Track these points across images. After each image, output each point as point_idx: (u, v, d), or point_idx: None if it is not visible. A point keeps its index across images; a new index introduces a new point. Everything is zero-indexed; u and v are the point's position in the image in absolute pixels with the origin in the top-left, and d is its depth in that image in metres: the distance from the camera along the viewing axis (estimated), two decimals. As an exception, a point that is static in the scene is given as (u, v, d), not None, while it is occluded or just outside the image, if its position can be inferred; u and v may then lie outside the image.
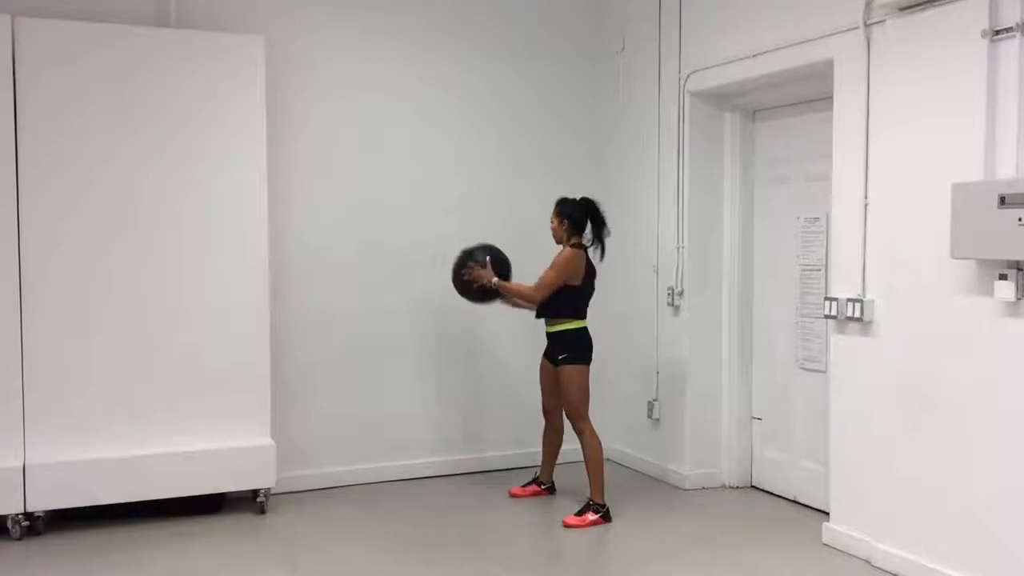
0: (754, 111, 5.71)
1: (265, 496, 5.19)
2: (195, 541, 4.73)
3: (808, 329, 5.26)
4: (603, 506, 5.07)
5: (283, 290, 5.54)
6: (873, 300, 4.42)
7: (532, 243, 5.47)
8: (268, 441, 5.17)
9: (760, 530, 4.95)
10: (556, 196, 5.35)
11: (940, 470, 4.06)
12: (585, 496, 5.15)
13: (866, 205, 4.44)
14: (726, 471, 5.80)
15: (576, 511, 5.09)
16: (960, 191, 3.82)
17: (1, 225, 4.68)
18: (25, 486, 4.67)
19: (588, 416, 5.14)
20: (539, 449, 5.65)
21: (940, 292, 4.04)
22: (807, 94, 5.17)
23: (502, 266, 5.28)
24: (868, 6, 4.37)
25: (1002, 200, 3.62)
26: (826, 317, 4.69)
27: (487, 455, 6.17)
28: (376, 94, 5.85)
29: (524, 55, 6.25)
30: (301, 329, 5.64)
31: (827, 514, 4.78)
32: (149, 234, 4.94)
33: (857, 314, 4.45)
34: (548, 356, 5.31)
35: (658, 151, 5.94)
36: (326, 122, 5.70)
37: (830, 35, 4.60)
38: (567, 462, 5.65)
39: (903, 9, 4.19)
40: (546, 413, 5.51)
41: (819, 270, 5.14)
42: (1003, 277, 3.72)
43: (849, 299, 4.51)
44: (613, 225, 6.26)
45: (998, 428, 3.81)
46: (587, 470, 5.11)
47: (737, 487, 5.77)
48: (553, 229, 5.22)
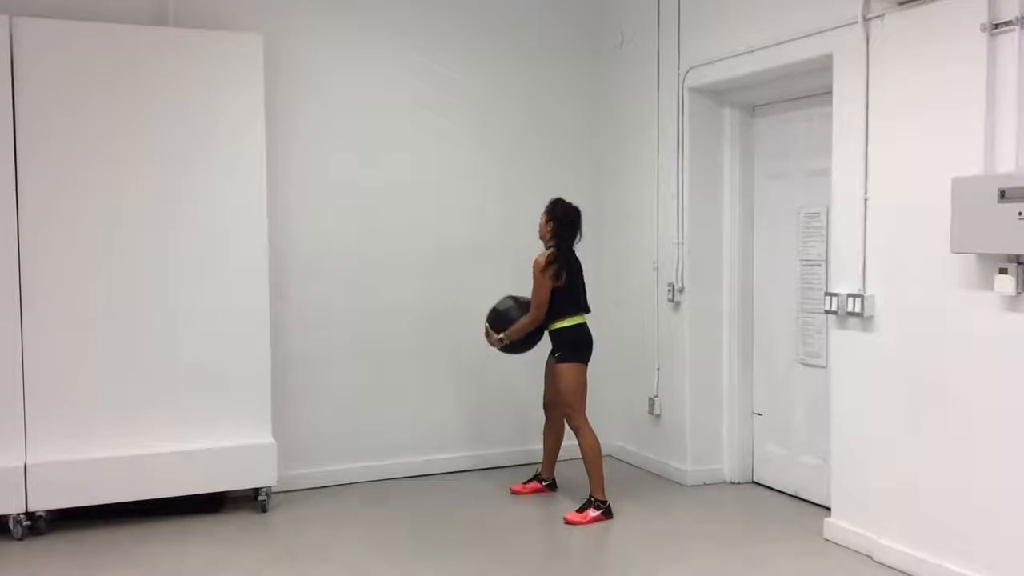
0: (753, 106, 5.70)
1: (266, 495, 5.20)
2: (196, 540, 4.74)
3: (809, 324, 5.26)
4: (604, 502, 5.07)
5: (283, 288, 5.54)
6: (873, 295, 4.42)
7: (531, 241, 5.45)
8: (269, 440, 5.17)
9: (761, 526, 4.95)
10: (555, 193, 5.35)
11: (941, 464, 4.06)
12: (586, 493, 5.15)
13: (866, 200, 4.44)
14: (727, 467, 5.80)
15: (577, 508, 5.09)
16: (960, 185, 3.82)
17: (0, 225, 4.68)
18: (27, 486, 4.68)
19: (584, 414, 5.15)
20: (540, 446, 5.66)
21: (940, 287, 4.04)
22: (806, 89, 5.17)
23: (503, 317, 5.35)
24: (867, 1, 4.36)
25: (1002, 194, 3.62)
26: (826, 312, 4.69)
27: (488, 452, 6.17)
28: (375, 92, 5.84)
29: (523, 52, 6.25)
30: (301, 327, 5.64)
31: (828, 509, 4.78)
32: (148, 234, 4.94)
33: (857, 309, 4.45)
34: (551, 353, 5.34)
35: (657, 147, 5.94)
36: (325, 120, 5.70)
37: (829, 30, 4.59)
38: (568, 459, 5.65)
39: (902, 3, 4.18)
40: (546, 408, 5.53)
41: (819, 265, 5.13)
42: (1003, 271, 3.72)
43: (849, 294, 4.51)
44: (613, 222, 6.29)
45: (999, 422, 3.80)
46: (586, 467, 5.12)
47: (738, 483, 5.77)
48: (540, 226, 5.28)
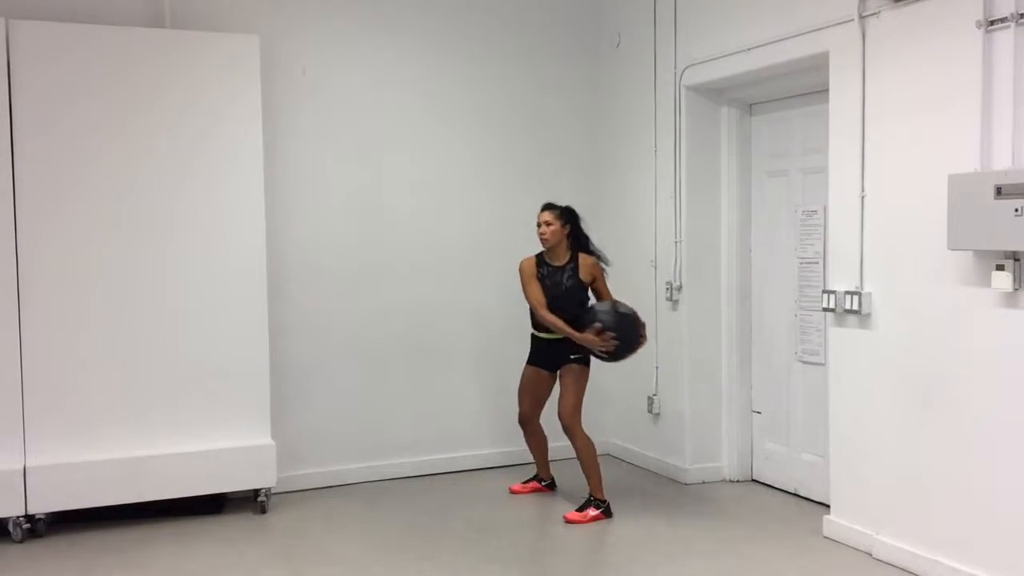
0: (750, 104, 5.70)
1: (266, 496, 5.20)
2: (196, 541, 4.74)
3: (807, 322, 5.26)
4: (604, 502, 5.07)
5: (282, 289, 5.54)
6: (871, 292, 4.42)
7: (530, 240, 5.45)
8: (268, 441, 5.18)
9: (761, 523, 4.95)
10: (553, 192, 5.35)
11: (940, 461, 4.07)
12: (585, 492, 5.14)
13: (863, 197, 4.44)
14: (726, 465, 5.81)
15: (577, 507, 5.10)
16: (956, 182, 3.82)
17: (-2, 228, 4.70)
18: (26, 488, 4.68)
19: (580, 416, 5.13)
20: (530, 454, 5.64)
21: (938, 283, 4.04)
22: (803, 87, 5.17)
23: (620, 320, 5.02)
24: (863, -2, 4.37)
25: (998, 191, 3.62)
26: (824, 310, 4.69)
27: (487, 452, 6.17)
28: (373, 93, 5.84)
29: (521, 52, 6.25)
30: (300, 328, 5.64)
31: (828, 507, 4.78)
32: (147, 236, 4.94)
33: (855, 306, 4.45)
34: (543, 362, 5.29)
35: (655, 146, 5.94)
36: (323, 121, 5.70)
37: (825, 27, 4.60)
38: (568, 458, 5.65)
39: (898, 1, 4.18)
40: (523, 422, 5.47)
41: (817, 263, 5.14)
42: (1000, 268, 3.72)
43: (847, 292, 4.51)
44: (611, 221, 6.29)
45: (997, 418, 3.81)
46: (583, 469, 5.11)
47: (737, 481, 5.77)
48: (554, 231, 5.11)
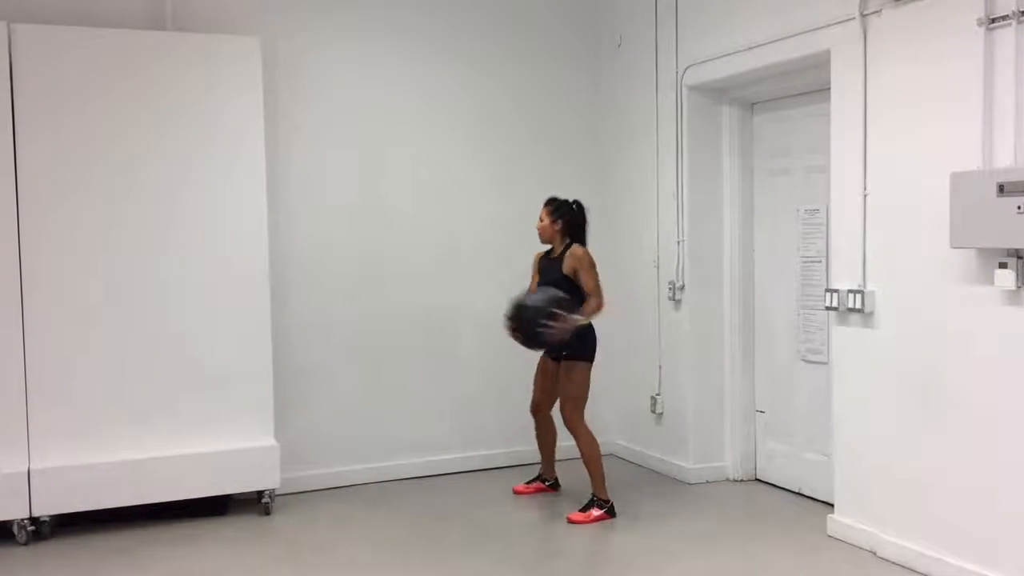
0: (752, 103, 5.70)
1: (270, 497, 5.20)
2: (201, 543, 4.74)
3: (809, 321, 5.26)
4: (607, 502, 5.07)
5: (284, 290, 5.54)
6: (874, 291, 4.41)
7: (530, 239, 5.46)
8: (272, 442, 5.18)
9: (765, 523, 4.95)
10: (556, 192, 5.34)
11: (943, 459, 4.06)
12: (589, 492, 5.14)
13: (865, 196, 4.44)
14: (730, 464, 5.80)
15: (580, 507, 5.09)
16: (958, 180, 3.82)
17: (1, 230, 4.69)
18: (30, 491, 4.68)
19: (583, 415, 5.13)
20: (537, 448, 5.64)
21: (940, 282, 4.04)
22: (805, 86, 5.16)
23: (563, 304, 4.90)
24: (864, -4, 4.37)
25: (1001, 188, 3.62)
26: (827, 309, 4.69)
27: (490, 453, 6.16)
28: (374, 94, 5.84)
29: (522, 53, 6.24)
30: (303, 329, 5.64)
31: (832, 506, 4.78)
32: (150, 238, 4.95)
33: (858, 305, 4.44)
34: (549, 351, 5.29)
35: (657, 145, 5.94)
36: (325, 122, 5.70)
37: (826, 26, 4.59)
38: (571, 458, 5.65)
39: (899, -1, 4.19)
40: (535, 411, 5.48)
41: (819, 262, 5.13)
42: (1003, 265, 3.72)
43: (850, 290, 4.51)
44: (613, 221, 6.29)
45: (1001, 416, 3.80)
46: (586, 468, 5.11)
47: (741, 480, 5.77)
48: (543, 227, 5.19)
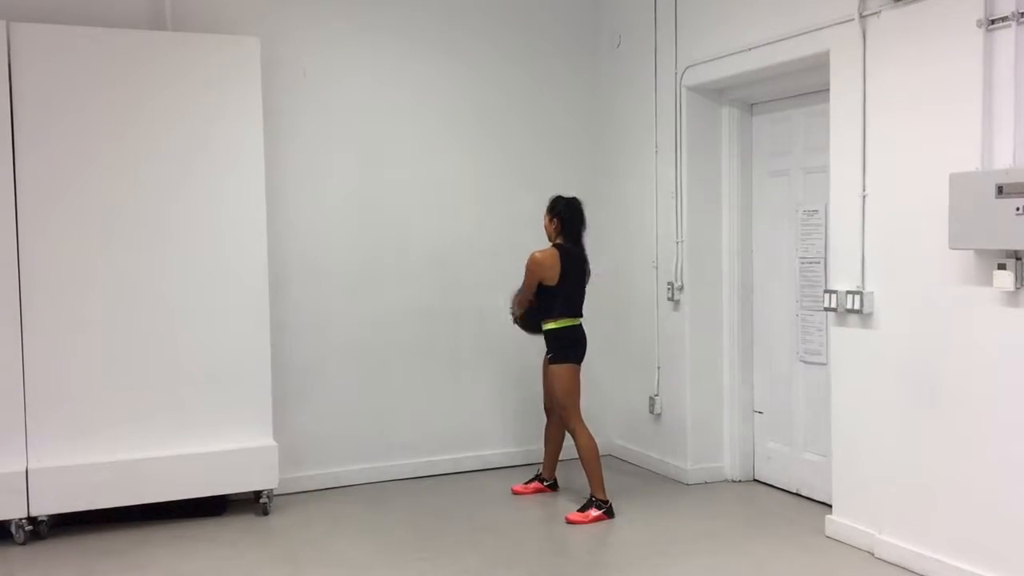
0: (751, 104, 5.70)
1: (268, 497, 5.20)
2: (198, 543, 4.74)
3: (808, 322, 5.26)
4: (605, 502, 5.07)
5: (283, 290, 5.54)
6: (872, 292, 4.42)
7: (530, 239, 5.46)
8: (270, 442, 5.18)
9: (763, 523, 4.95)
10: (554, 192, 5.35)
11: (942, 460, 4.06)
12: (587, 492, 5.14)
13: (864, 197, 4.44)
14: (728, 465, 5.80)
15: (579, 507, 5.09)
16: (958, 181, 3.82)
17: (0, 230, 4.69)
18: (28, 490, 4.68)
19: (579, 414, 5.15)
20: (540, 446, 5.66)
21: (939, 283, 4.04)
22: (804, 87, 5.16)
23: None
24: (863, -3, 4.37)
25: (1000, 190, 3.62)
26: (826, 309, 4.69)
27: (489, 453, 6.17)
28: (373, 94, 5.84)
29: (522, 52, 6.25)
30: (301, 329, 5.64)
31: (830, 506, 4.78)
32: (148, 237, 4.95)
33: (857, 306, 4.44)
34: (546, 352, 5.34)
35: (656, 146, 5.93)
36: (324, 122, 5.70)
37: (826, 27, 4.59)
38: (569, 458, 5.66)
39: (898, 0, 4.18)
40: (547, 410, 5.54)
41: (818, 262, 5.13)
42: (1002, 267, 3.72)
43: (848, 291, 4.51)
44: (612, 221, 6.29)
45: (999, 417, 3.80)
46: (584, 468, 5.12)
47: (739, 481, 5.77)
48: (544, 226, 5.29)
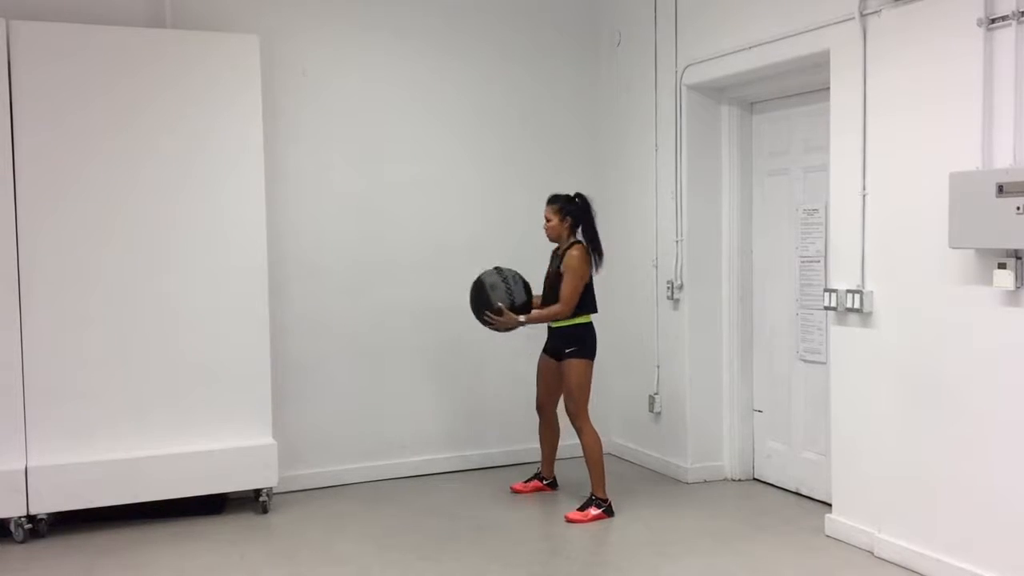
0: (751, 103, 5.70)
1: (267, 496, 5.20)
2: (198, 542, 4.74)
3: (808, 321, 5.26)
4: (605, 501, 5.07)
5: (282, 289, 5.54)
6: (872, 291, 4.42)
7: (529, 238, 5.46)
8: (269, 440, 5.17)
9: (763, 522, 4.95)
10: (553, 191, 5.33)
11: (941, 459, 4.06)
12: (587, 491, 5.14)
13: (864, 196, 4.44)
14: (728, 464, 5.80)
15: (578, 506, 5.09)
16: (958, 180, 3.82)
17: (-1, 228, 4.70)
18: (27, 489, 4.68)
19: (587, 411, 5.12)
20: (539, 445, 5.65)
21: (939, 282, 4.04)
22: (804, 85, 5.16)
23: (521, 297, 5.08)
24: (863, -4, 4.37)
25: (1000, 189, 3.62)
26: (826, 308, 4.69)
27: (488, 451, 6.17)
28: (373, 92, 5.84)
29: (521, 52, 6.24)
30: (301, 327, 5.64)
31: (829, 505, 4.78)
32: (147, 235, 4.94)
33: (857, 305, 4.45)
34: (550, 351, 5.30)
35: (656, 145, 5.93)
36: (323, 121, 5.69)
37: (826, 26, 4.59)
38: (569, 457, 5.66)
39: (899, -1, 4.19)
40: (540, 409, 5.50)
41: (818, 261, 5.13)
42: (1002, 266, 3.72)
43: (848, 290, 4.51)
44: (612, 220, 6.29)
45: (998, 416, 3.80)
46: (587, 466, 5.11)
47: (739, 480, 5.77)
48: (552, 227, 5.16)
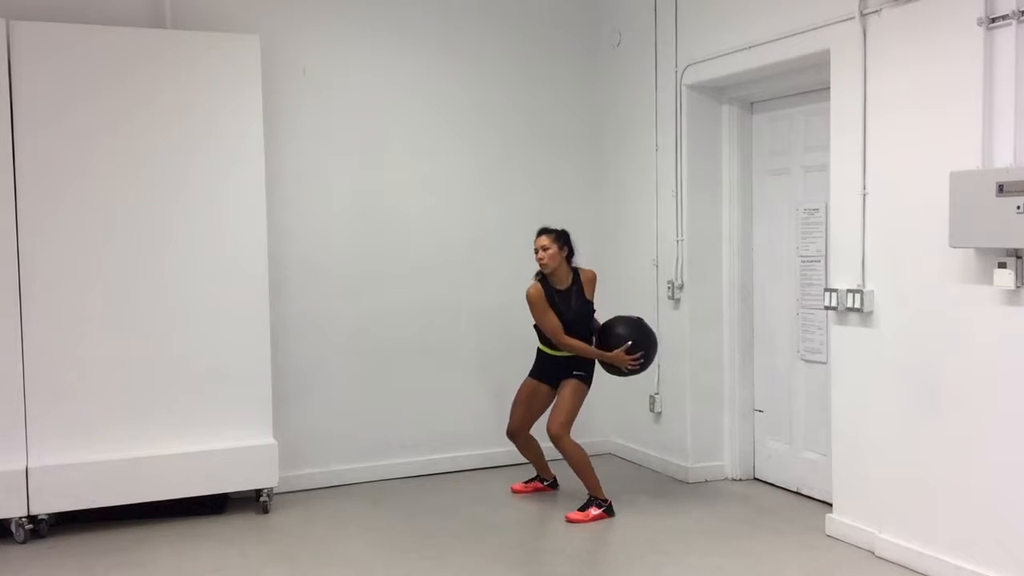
0: (752, 103, 5.70)
1: (268, 496, 5.20)
2: (199, 542, 4.74)
3: (809, 320, 5.26)
4: (605, 501, 5.07)
5: (283, 289, 5.53)
6: (873, 290, 4.41)
7: (529, 238, 5.44)
8: (270, 440, 5.18)
9: (763, 522, 4.95)
10: (554, 194, 5.36)
11: (942, 459, 4.06)
12: (587, 492, 5.14)
13: (864, 195, 4.43)
14: (728, 464, 5.80)
15: (579, 506, 5.09)
16: (958, 180, 3.82)
17: (0, 228, 4.68)
18: (28, 489, 4.68)
19: (569, 429, 5.13)
20: (525, 461, 5.64)
21: (939, 281, 4.04)
22: (804, 85, 5.16)
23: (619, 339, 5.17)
24: (863, -4, 4.36)
25: (1000, 188, 3.62)
26: (826, 308, 4.69)
27: (489, 452, 6.15)
28: (373, 92, 5.84)
29: (521, 51, 6.24)
30: (301, 328, 5.64)
31: (830, 505, 4.78)
32: (148, 236, 4.95)
33: (857, 305, 4.44)
34: (546, 377, 5.31)
35: (656, 144, 5.93)
36: (324, 121, 5.69)
37: (826, 25, 4.59)
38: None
39: (899, -2, 4.19)
40: (512, 434, 5.45)
41: (819, 261, 5.13)
42: (1002, 265, 3.72)
43: (849, 290, 4.51)
44: (612, 220, 6.30)
45: (999, 415, 3.80)
46: (577, 475, 5.12)
47: (740, 479, 5.77)
48: (552, 255, 5.08)
